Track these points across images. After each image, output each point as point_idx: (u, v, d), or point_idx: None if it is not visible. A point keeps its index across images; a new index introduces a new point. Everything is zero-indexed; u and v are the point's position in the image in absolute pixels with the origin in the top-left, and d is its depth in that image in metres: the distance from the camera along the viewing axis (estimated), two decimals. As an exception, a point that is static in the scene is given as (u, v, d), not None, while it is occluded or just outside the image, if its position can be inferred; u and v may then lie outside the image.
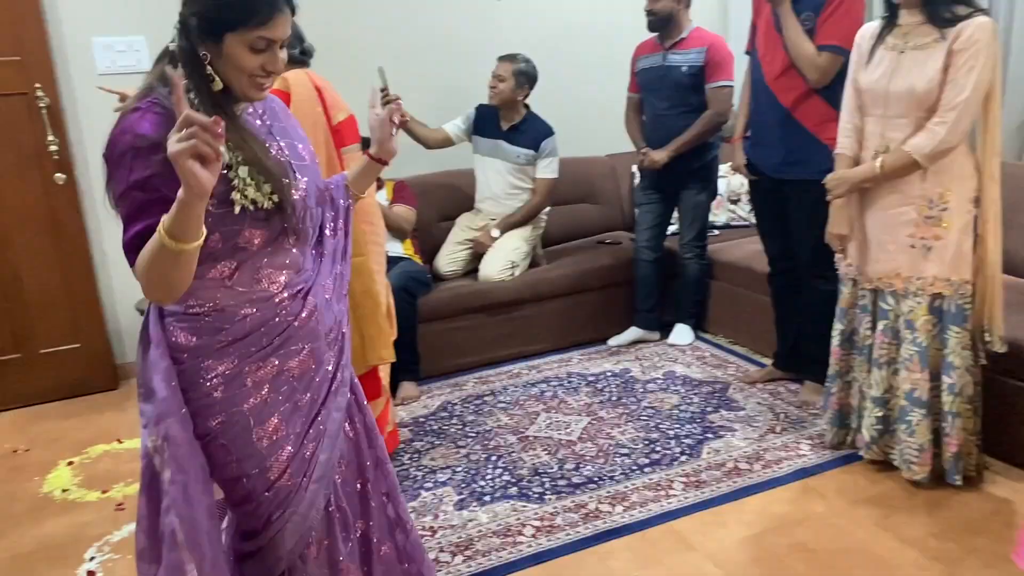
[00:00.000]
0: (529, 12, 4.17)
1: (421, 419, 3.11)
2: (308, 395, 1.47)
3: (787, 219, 2.90)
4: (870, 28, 2.40)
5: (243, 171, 1.30)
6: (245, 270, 1.37)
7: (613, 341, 3.78)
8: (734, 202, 4.16)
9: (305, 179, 1.45)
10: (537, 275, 3.68)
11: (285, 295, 1.42)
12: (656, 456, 2.69)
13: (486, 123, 3.69)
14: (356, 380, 1.65)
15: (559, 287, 3.70)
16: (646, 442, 2.79)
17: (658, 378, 3.36)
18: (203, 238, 1.18)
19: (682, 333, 3.78)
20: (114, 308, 3.61)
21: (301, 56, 2.55)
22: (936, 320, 2.30)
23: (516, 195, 3.70)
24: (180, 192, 1.11)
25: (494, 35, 4.03)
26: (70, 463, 2.91)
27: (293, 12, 1.32)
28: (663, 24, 3.45)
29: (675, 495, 2.45)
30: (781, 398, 3.08)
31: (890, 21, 2.33)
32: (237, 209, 1.29)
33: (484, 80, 3.65)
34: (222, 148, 1.12)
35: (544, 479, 2.58)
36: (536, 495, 2.49)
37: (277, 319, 1.41)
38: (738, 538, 2.23)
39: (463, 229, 3.76)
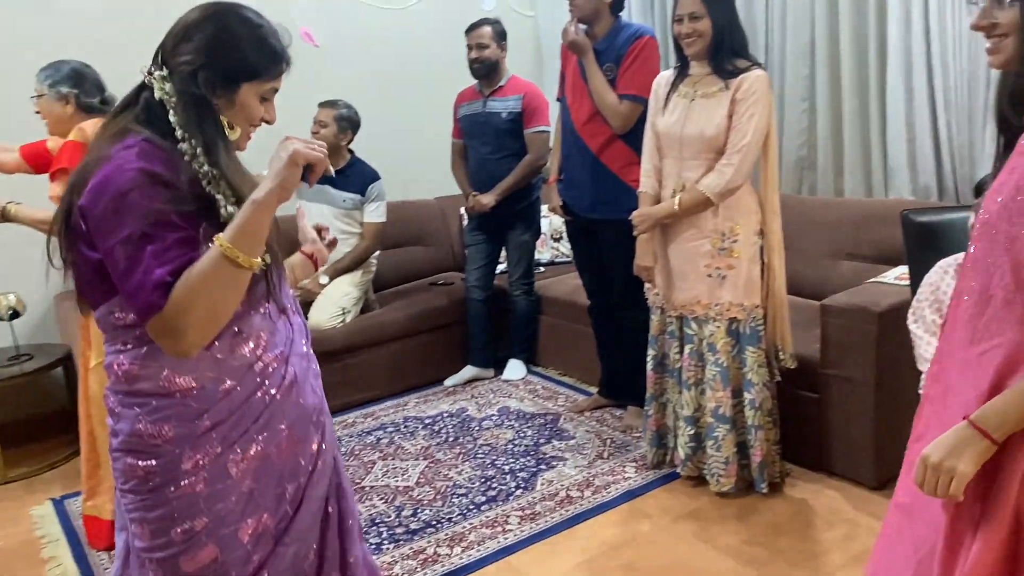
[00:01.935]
0: (350, 59, 4.19)
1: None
2: (292, 484, 1.34)
3: (600, 255, 3.08)
4: (665, 76, 2.63)
5: None
6: (225, 336, 1.25)
7: (449, 381, 3.82)
8: (557, 240, 4.35)
9: None
10: (369, 320, 3.66)
11: (266, 358, 1.30)
12: (493, 493, 2.73)
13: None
14: (340, 464, 1.49)
15: (392, 331, 3.69)
16: (483, 480, 2.83)
17: (493, 415, 3.42)
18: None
19: (515, 368, 3.87)
20: None
21: (101, 106, 2.43)
22: (734, 342, 2.52)
23: (344, 240, 3.68)
24: (261, 194, 1.14)
25: (315, 81, 4.01)
26: None
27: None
28: (489, 71, 3.59)
29: (511, 530, 2.49)
30: (607, 424, 3.23)
31: (682, 71, 2.56)
32: None
33: (306, 126, 3.62)
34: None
35: (381, 528, 2.55)
36: (373, 546, 2.44)
37: (259, 393, 1.28)
38: (570, 565, 2.30)
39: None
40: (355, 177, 3.66)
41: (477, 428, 3.29)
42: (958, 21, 2.94)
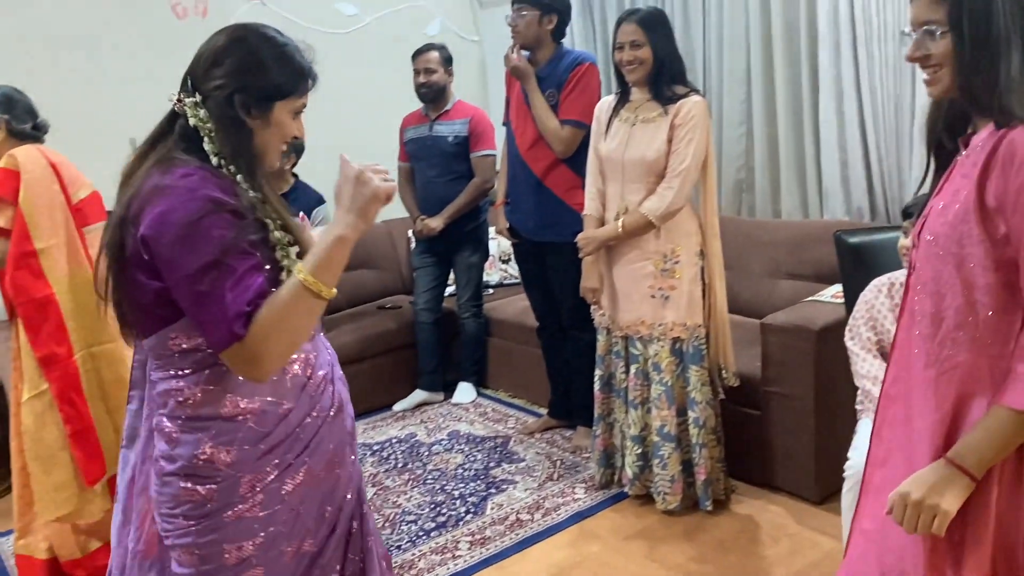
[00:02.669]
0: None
1: (194, 510, 2.90)
2: (331, 506, 1.35)
3: (547, 277, 3.11)
4: (606, 102, 2.68)
5: (292, 251, 1.24)
6: None
7: (398, 406, 3.79)
8: (505, 261, 4.38)
9: None
10: (316, 345, 3.60)
11: (315, 378, 1.32)
12: (442, 519, 2.71)
13: (254, 193, 3.61)
14: (363, 484, 1.50)
15: (341, 356, 3.54)
16: (432, 506, 2.81)
17: (443, 439, 3.40)
18: None
19: (465, 391, 3.86)
20: None
21: (33, 132, 2.37)
22: (678, 361, 2.56)
23: (289, 265, 3.63)
24: (345, 231, 1.17)
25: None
26: None
27: None
28: (437, 96, 3.61)
29: (461, 555, 2.48)
30: (557, 445, 3.25)
31: (623, 97, 2.62)
32: None
33: (249, 151, 3.57)
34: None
35: (329, 557, 2.50)
36: None
37: (312, 415, 1.31)
38: (521, 589, 2.30)
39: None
40: (300, 201, 3.61)
41: (427, 453, 3.27)
42: (885, 49, 3.07)
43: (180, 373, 1.24)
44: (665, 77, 2.49)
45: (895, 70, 3.07)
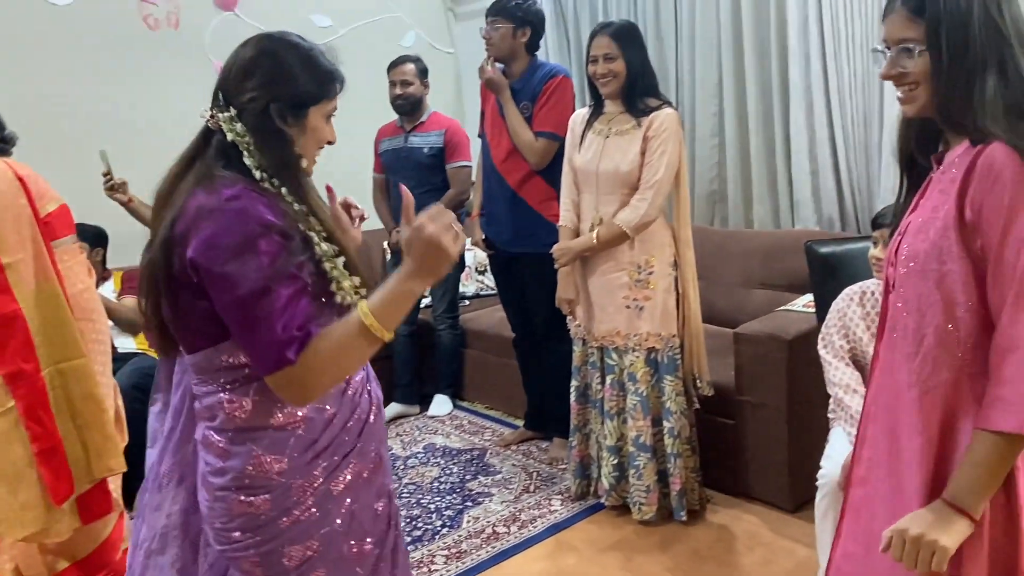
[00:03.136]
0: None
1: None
2: (382, 503, 1.37)
3: (523, 288, 3.11)
4: (580, 114, 2.70)
5: (339, 262, 1.24)
6: None
7: (374, 419, 3.75)
8: (481, 272, 4.37)
9: None
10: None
11: (354, 383, 1.34)
12: (418, 533, 2.69)
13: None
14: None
15: None
16: (408, 520, 2.78)
17: (419, 452, 3.38)
18: None
19: (441, 404, 3.85)
20: None
21: (0, 145, 2.33)
22: (653, 371, 2.57)
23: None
24: (414, 285, 1.18)
25: (231, 117, 3.95)
26: None
27: None
28: (413, 108, 3.61)
29: (437, 570, 2.46)
30: (534, 457, 3.24)
31: (597, 109, 2.64)
32: (338, 298, 1.23)
33: (222, 162, 3.54)
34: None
35: (303, 573, 2.47)
36: (295, 592, 2.37)
37: (354, 418, 1.32)
38: (498, 602, 2.29)
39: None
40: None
41: (402, 467, 3.24)
42: (854, 63, 3.12)
43: (227, 385, 1.24)
44: (638, 90, 2.52)
45: (863, 83, 3.13)
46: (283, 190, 1.23)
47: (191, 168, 1.26)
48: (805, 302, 2.83)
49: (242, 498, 1.22)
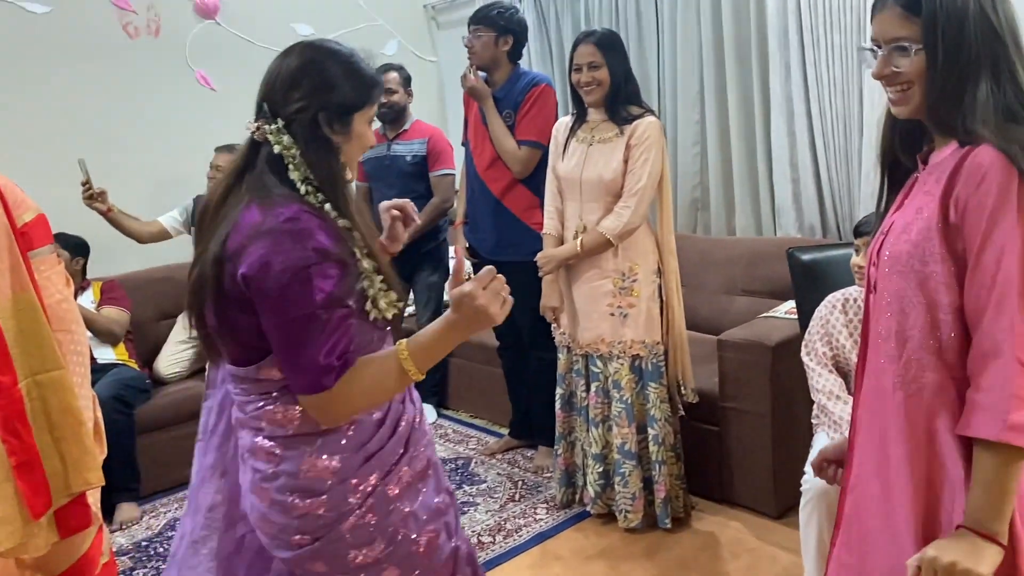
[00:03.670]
0: (248, 103, 4.11)
1: (144, 543, 2.82)
2: (439, 496, 1.39)
3: (507, 296, 3.10)
4: (563, 123, 2.71)
5: (377, 280, 1.26)
6: None
7: (358, 428, 3.73)
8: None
9: None
10: (273, 368, 3.55)
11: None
12: (403, 542, 2.67)
13: (207, 215, 3.55)
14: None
15: None
16: (393, 529, 2.76)
17: (403, 461, 3.36)
18: None
19: (425, 413, 3.82)
20: None
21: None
22: (637, 378, 2.57)
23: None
24: (453, 334, 1.22)
25: (211, 125, 3.92)
26: None
27: None
28: (397, 116, 3.60)
29: (422, 579, 2.44)
30: (519, 466, 3.23)
31: (580, 117, 2.64)
32: (371, 316, 1.25)
33: (202, 170, 3.52)
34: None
35: (287, 586, 2.44)
36: (278, 605, 2.34)
37: (403, 422, 1.34)
38: (484, 613, 2.27)
39: (185, 327, 3.53)
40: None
41: (387, 476, 3.22)
42: (833, 70, 3.15)
43: (274, 394, 1.26)
44: (621, 98, 2.53)
45: (843, 91, 3.15)
46: (327, 206, 1.23)
47: (241, 181, 1.26)
48: (787, 308, 2.84)
49: (296, 500, 1.24)
